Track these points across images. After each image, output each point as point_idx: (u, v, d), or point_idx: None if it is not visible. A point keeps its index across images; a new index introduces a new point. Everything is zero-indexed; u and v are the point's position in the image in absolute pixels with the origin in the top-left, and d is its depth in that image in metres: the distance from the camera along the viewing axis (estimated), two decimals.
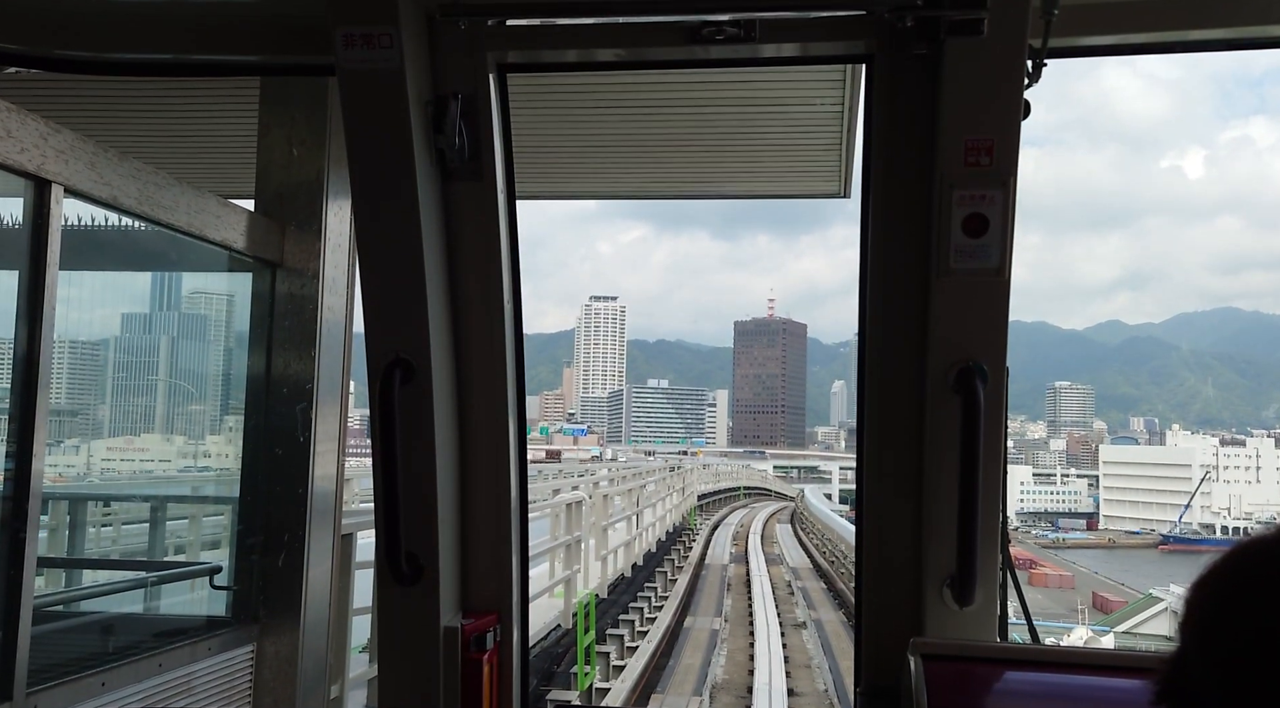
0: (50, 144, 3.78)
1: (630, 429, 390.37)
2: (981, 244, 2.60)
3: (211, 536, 5.80)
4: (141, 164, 4.44)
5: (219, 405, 5.86)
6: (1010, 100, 2.57)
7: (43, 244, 3.80)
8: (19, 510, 3.75)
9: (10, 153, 3.61)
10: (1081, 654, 2.89)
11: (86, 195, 4.01)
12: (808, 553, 45.91)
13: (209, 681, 4.93)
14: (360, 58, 2.68)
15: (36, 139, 3.73)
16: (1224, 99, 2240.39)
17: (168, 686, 4.63)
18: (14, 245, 3.80)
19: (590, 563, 13.94)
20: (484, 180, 2.87)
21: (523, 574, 3.05)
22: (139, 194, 4.32)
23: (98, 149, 4.06)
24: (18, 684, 3.70)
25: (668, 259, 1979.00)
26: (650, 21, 2.79)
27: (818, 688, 18.42)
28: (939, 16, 2.54)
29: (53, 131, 3.80)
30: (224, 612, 5.25)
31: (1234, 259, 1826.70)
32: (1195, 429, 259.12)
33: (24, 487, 3.77)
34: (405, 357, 2.81)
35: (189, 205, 4.70)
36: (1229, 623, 1.15)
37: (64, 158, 3.84)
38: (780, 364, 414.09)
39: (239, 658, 5.18)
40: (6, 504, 3.77)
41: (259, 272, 5.33)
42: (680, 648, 20.26)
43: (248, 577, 5.30)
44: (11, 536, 3.76)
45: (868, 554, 2.87)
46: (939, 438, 2.66)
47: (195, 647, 4.90)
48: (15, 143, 3.62)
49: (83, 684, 4.09)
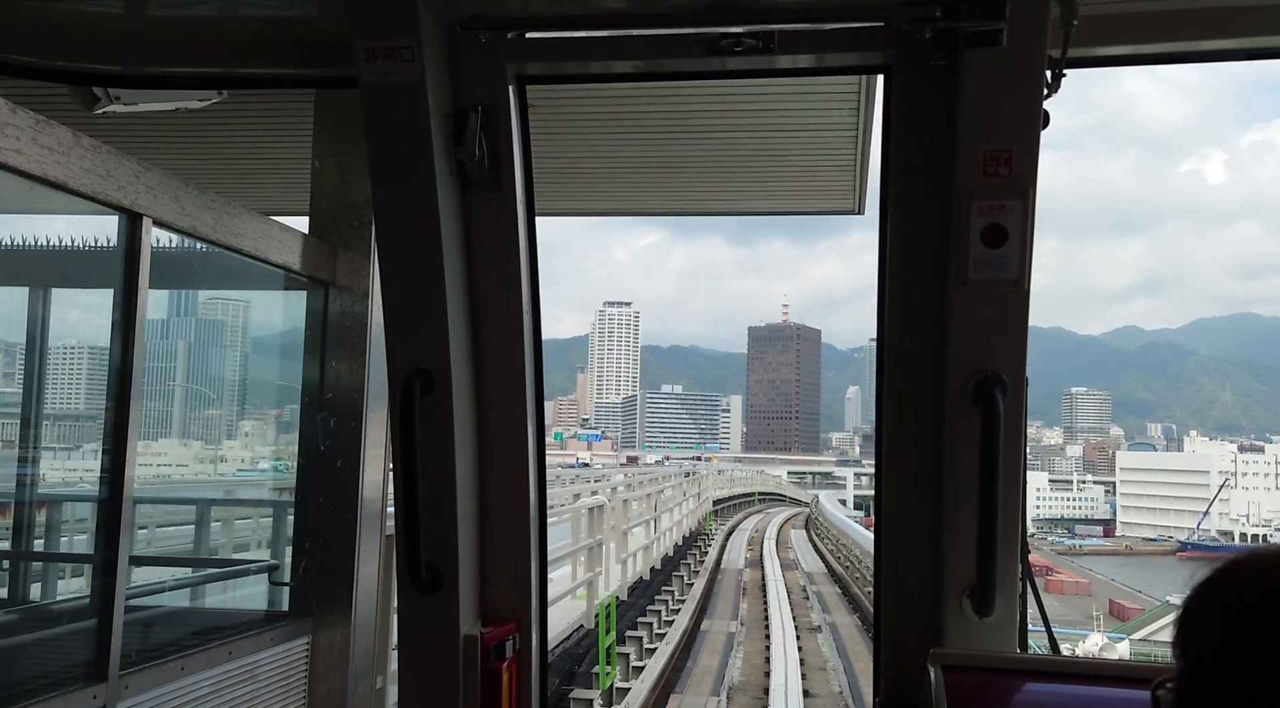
0: (141, 181, 4.22)
1: (644, 435, 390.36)
2: (1000, 255, 2.59)
3: (269, 536, 6.21)
4: (215, 196, 4.87)
5: (275, 415, 6.28)
6: (1029, 111, 2.57)
7: (135, 268, 4.24)
8: (114, 512, 4.18)
9: (109, 191, 4.05)
10: (1103, 666, 2.80)
11: (171, 226, 4.45)
12: (822, 558, 46.08)
13: (270, 669, 5.34)
14: (382, 71, 2.70)
15: (130, 177, 4.16)
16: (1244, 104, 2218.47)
17: (236, 672, 5.04)
18: (111, 269, 4.25)
19: (611, 566, 14.30)
20: (504, 191, 2.88)
21: (541, 583, 3.04)
22: (214, 223, 4.75)
23: (180, 184, 4.49)
24: (111, 668, 4.12)
25: (683, 265, 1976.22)
26: (669, 34, 2.80)
27: (833, 690, 18.70)
28: (957, 27, 2.54)
29: (144, 170, 4.24)
30: (283, 607, 5.66)
31: (1253, 264, 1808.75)
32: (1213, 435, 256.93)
33: (119, 490, 4.19)
34: (425, 367, 2.81)
35: (255, 231, 5.13)
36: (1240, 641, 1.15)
37: (153, 193, 4.28)
38: (795, 370, 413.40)
39: (296, 649, 5.59)
40: (104, 506, 4.20)
41: (313, 290, 5.76)
42: (698, 650, 20.58)
43: (303, 575, 5.72)
44: (108, 535, 4.19)
45: (887, 564, 2.85)
46: (958, 448, 2.64)
47: (259, 637, 5.31)
48: (114, 181, 4.06)
49: (165, 669, 4.51)
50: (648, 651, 16.43)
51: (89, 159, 3.93)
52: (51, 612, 4.71)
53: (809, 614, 27.91)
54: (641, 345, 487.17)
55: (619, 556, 15.28)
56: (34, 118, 3.66)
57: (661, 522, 21.02)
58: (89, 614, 4.15)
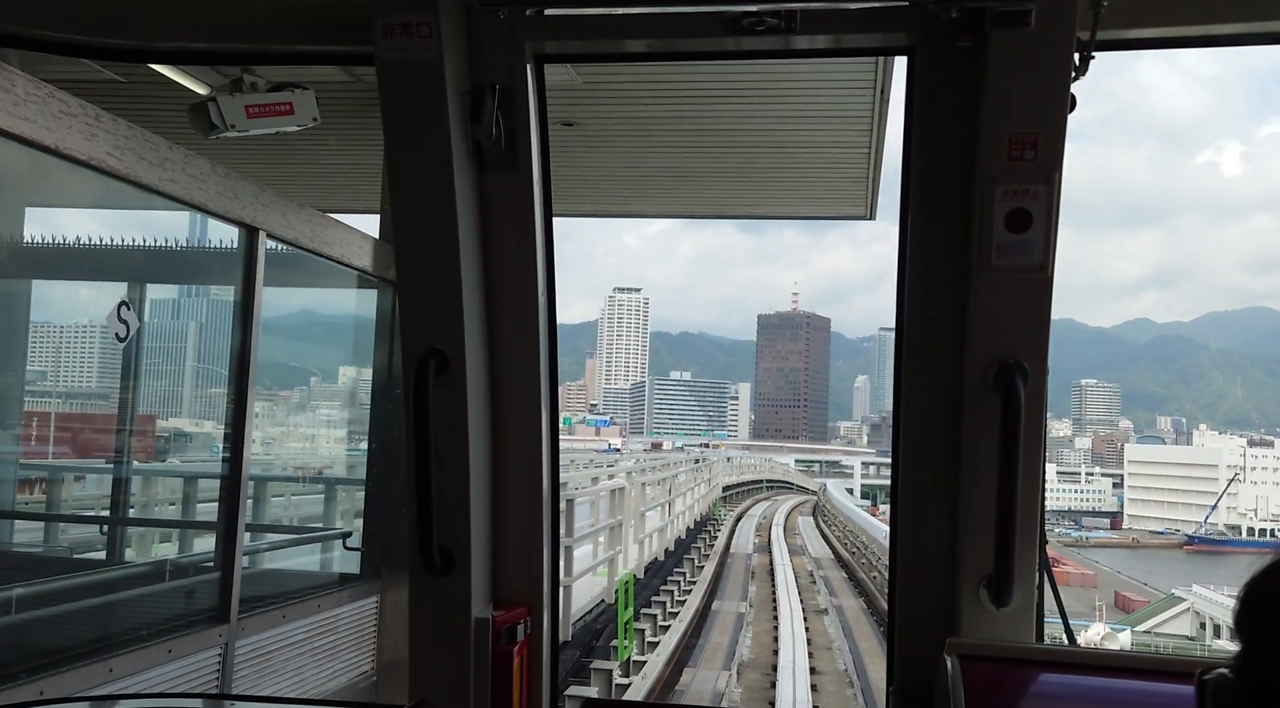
0: (259, 201, 4.99)
1: (652, 421, 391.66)
2: (1024, 240, 2.54)
3: (346, 508, 7.02)
4: (314, 210, 5.65)
5: (351, 401, 7.06)
6: (1056, 93, 2.51)
7: (252, 273, 5.02)
8: (234, 486, 4.97)
9: (235, 210, 4.82)
10: (1122, 658, 2.72)
11: (279, 237, 5.22)
12: (829, 544, 46.89)
13: (348, 621, 6.15)
14: (399, 47, 2.66)
15: (249, 198, 4.93)
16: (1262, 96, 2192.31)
17: (323, 622, 5.85)
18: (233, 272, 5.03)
19: (629, 546, 15.08)
20: (520, 171, 2.83)
21: (553, 567, 3.03)
22: (311, 234, 5.52)
23: (286, 202, 5.27)
24: (232, 612, 4.92)
25: (693, 252, 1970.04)
26: (690, 11, 2.75)
27: (838, 668, 19.48)
28: (984, 8, 2.49)
29: (260, 191, 5.01)
30: (356, 570, 6.47)
31: (1267, 258, 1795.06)
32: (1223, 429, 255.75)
33: (237, 468, 4.99)
34: (440, 348, 2.77)
35: (341, 239, 5.89)
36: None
37: (267, 211, 5.05)
38: (803, 358, 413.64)
39: (367, 606, 6.39)
40: (225, 482, 5.00)
41: (383, 289, 6.53)
42: (709, 629, 21.39)
43: (373, 542, 6.52)
44: (229, 505, 4.99)
45: (903, 553, 2.82)
46: (977, 436, 2.61)
47: (340, 594, 6.12)
48: (239, 202, 4.83)
49: (271, 615, 5.32)
50: (662, 627, 17.23)
51: (221, 184, 4.69)
52: (187, 566, 5.59)
53: (816, 598, 28.63)
54: (651, 332, 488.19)
55: (636, 536, 16.07)
56: (184, 152, 4.42)
57: (675, 506, 21.82)
58: (216, 569, 4.98)
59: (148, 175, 4.11)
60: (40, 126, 3.69)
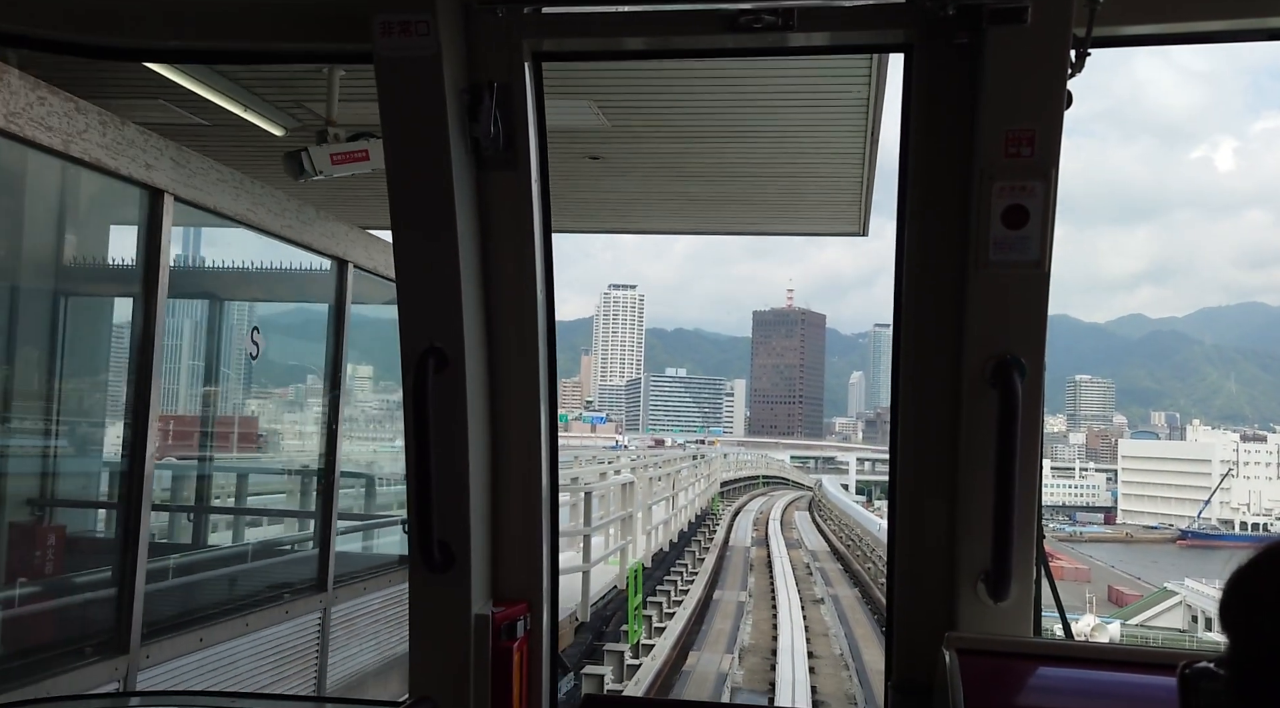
0: (349, 238, 5.96)
1: (648, 418, 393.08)
2: (1021, 236, 2.56)
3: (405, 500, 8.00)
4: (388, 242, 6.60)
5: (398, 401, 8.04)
6: (1053, 90, 2.53)
7: (343, 296, 5.99)
8: (329, 480, 5.95)
9: (331, 246, 5.81)
10: (1120, 652, 2.73)
11: (361, 267, 6.21)
12: (825, 538, 47.89)
13: (399, 601, 7.16)
14: (397, 45, 2.68)
15: (342, 235, 5.93)
16: (1256, 91, 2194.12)
17: (384, 599, 6.84)
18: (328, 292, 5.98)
19: (638, 536, 16.07)
20: (518, 170, 2.85)
21: (553, 564, 3.04)
22: (385, 262, 6.48)
23: (370, 238, 6.23)
24: (329, 582, 5.89)
25: (689, 249, 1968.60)
26: (687, 9, 2.77)
27: (834, 653, 20.49)
28: (981, 5, 2.51)
29: (350, 229, 6.00)
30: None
31: (1261, 253, 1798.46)
32: (1217, 424, 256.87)
33: (331, 465, 5.97)
34: (439, 345, 2.79)
35: (384, 254, 6.87)
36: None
37: (355, 245, 6.03)
38: (799, 355, 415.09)
39: None
40: (324, 476, 5.99)
41: None
42: (711, 616, 22.38)
43: None
44: (325, 497, 5.97)
45: (900, 548, 2.83)
46: (975, 432, 2.62)
47: (392, 575, 7.10)
48: (334, 240, 5.82)
49: (353, 588, 6.30)
50: (667, 614, 18.25)
51: (320, 226, 5.65)
52: (292, 546, 6.62)
53: (813, 588, 29.56)
54: (646, 328, 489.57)
55: (644, 527, 17.05)
56: (299, 202, 5.38)
57: (678, 500, 22.83)
58: (316, 547, 5.98)
59: (273, 224, 5.08)
60: (204, 192, 4.73)
